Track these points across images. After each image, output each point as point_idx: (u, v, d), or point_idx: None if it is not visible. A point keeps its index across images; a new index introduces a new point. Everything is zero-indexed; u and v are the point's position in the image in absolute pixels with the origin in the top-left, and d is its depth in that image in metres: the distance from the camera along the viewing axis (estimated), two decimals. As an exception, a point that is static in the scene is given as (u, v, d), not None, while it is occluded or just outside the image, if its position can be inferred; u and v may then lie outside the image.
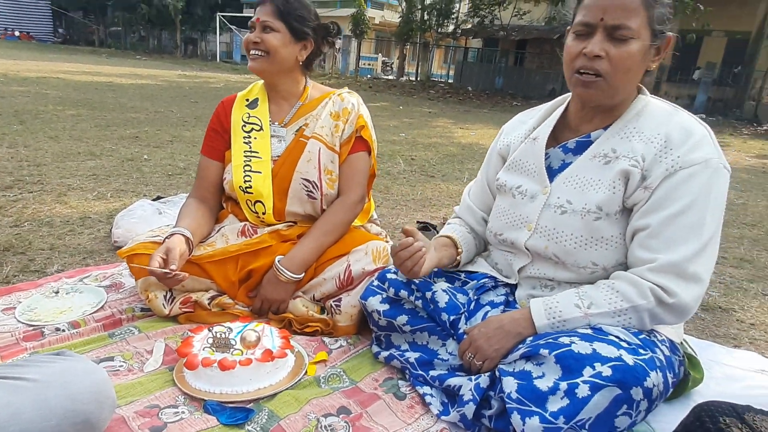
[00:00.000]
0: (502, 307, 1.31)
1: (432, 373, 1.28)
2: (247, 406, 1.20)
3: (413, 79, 21.54)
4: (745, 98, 15.48)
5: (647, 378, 0.98)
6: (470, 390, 1.15)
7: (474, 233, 1.50)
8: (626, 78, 1.13)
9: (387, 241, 1.88)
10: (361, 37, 21.61)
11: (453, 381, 1.22)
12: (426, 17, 20.55)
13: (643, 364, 0.99)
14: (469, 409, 1.14)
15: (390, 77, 23.21)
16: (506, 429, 1.09)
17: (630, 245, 1.16)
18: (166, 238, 1.49)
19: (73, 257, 2.05)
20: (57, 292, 1.69)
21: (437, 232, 2.48)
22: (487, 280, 1.38)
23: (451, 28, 21.14)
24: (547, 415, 0.99)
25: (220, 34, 25.77)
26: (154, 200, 2.43)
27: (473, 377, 1.18)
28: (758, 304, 2.07)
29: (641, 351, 1.03)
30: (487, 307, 1.31)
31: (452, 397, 1.22)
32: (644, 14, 1.08)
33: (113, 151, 4.20)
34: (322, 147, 1.64)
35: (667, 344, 1.18)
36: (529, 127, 1.37)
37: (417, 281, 1.36)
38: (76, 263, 2.00)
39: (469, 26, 20.88)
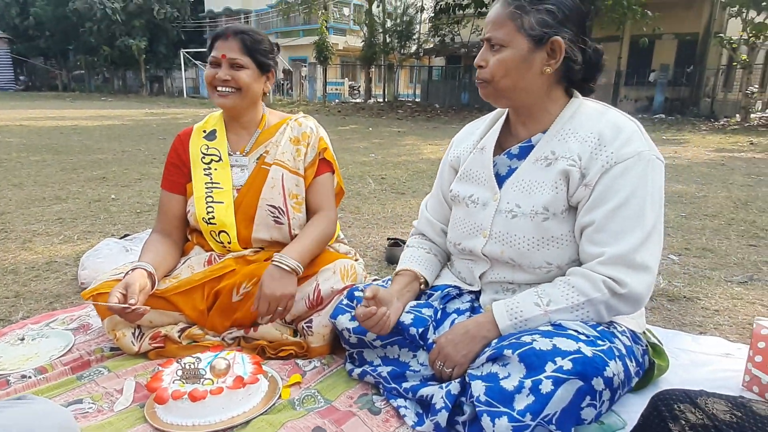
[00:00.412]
0: (468, 314, 1.33)
1: (405, 385, 1.29)
2: (221, 436, 1.18)
3: (381, 100, 21.83)
4: (700, 96, 16.10)
5: (606, 367, 1.01)
6: (442, 398, 1.17)
7: (435, 249, 1.52)
8: (510, 80, 1.20)
9: (356, 260, 1.90)
10: (325, 64, 21.86)
11: (425, 391, 1.23)
12: (388, 40, 20.95)
13: (601, 355, 1.02)
14: (442, 417, 1.15)
15: (358, 100, 23.49)
16: (479, 433, 1.10)
17: (580, 241, 1.20)
18: (127, 273, 1.47)
19: (39, 303, 2.01)
20: (22, 339, 1.65)
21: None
22: (451, 289, 1.41)
23: (413, 48, 21.59)
24: (515, 414, 1.00)
25: (185, 70, 25.76)
26: (120, 238, 2.40)
27: (444, 385, 1.20)
28: (721, 290, 2.14)
29: (599, 342, 1.06)
30: (454, 315, 1.34)
31: (426, 406, 1.23)
32: (512, 25, 1.17)
33: (80, 193, 4.15)
34: (285, 172, 1.66)
35: (628, 335, 1.21)
36: (476, 137, 1.42)
37: None
38: (42, 308, 1.96)
39: (431, 46, 21.36)
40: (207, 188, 1.67)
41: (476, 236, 1.33)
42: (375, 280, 2.01)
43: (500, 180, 1.32)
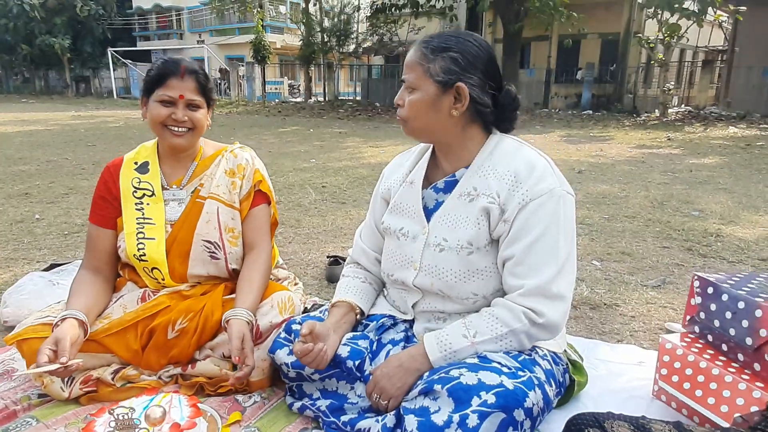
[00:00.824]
0: (402, 344, 1.39)
1: (343, 418, 1.33)
2: (159, 486, 1.18)
3: (321, 99, 21.68)
4: (623, 92, 17.11)
5: (526, 399, 1.09)
6: (378, 431, 1.21)
7: (370, 278, 1.57)
8: (422, 122, 1.29)
9: (295, 284, 1.92)
10: (263, 63, 21.46)
11: (362, 424, 1.27)
12: (326, 38, 20.82)
13: (522, 386, 1.10)
14: (380, 450, 1.20)
15: (298, 99, 23.20)
16: (416, 464, 1.16)
17: (502, 273, 1.29)
18: (55, 325, 1.42)
19: (-44, 347, 1.89)
20: (-62, 392, 1.56)
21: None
22: (386, 319, 1.46)
23: (352, 47, 21.57)
24: None
25: (114, 70, 24.48)
26: (46, 269, 2.29)
27: (380, 418, 1.25)
28: (638, 295, 2.32)
29: (520, 373, 1.15)
30: (389, 346, 1.39)
31: (364, 438, 1.27)
32: (420, 69, 1.26)
33: (0, 213, 3.90)
34: (221, 206, 1.65)
35: (549, 357, 1.31)
36: (405, 169, 1.47)
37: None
38: (-40, 353, 1.84)
39: (370, 44, 21.43)
40: (138, 224, 1.63)
41: (407, 268, 1.38)
42: (314, 305, 2.04)
43: (428, 213, 1.38)
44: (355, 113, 16.06)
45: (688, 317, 1.53)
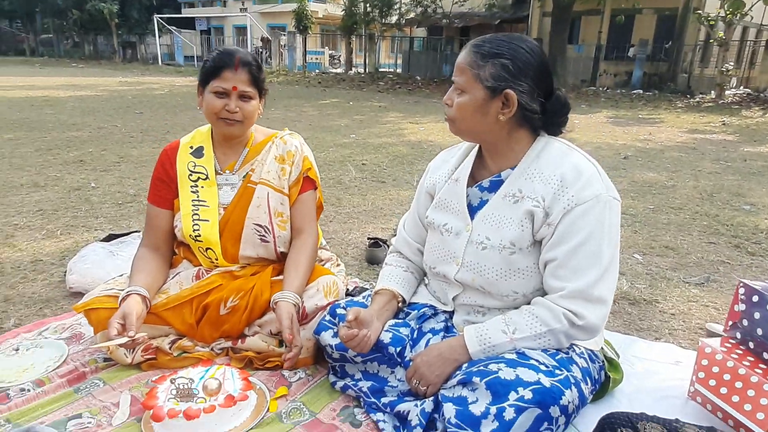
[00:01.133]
0: (442, 334, 1.44)
1: (383, 399, 1.40)
2: (215, 451, 1.29)
3: (362, 71, 21.54)
4: (677, 71, 16.30)
5: (563, 396, 1.13)
6: (417, 415, 1.28)
7: (412, 267, 1.62)
8: (469, 124, 1.31)
9: (338, 265, 1.99)
10: (305, 33, 21.40)
11: (402, 407, 1.34)
12: (369, 9, 20.52)
13: (558, 385, 1.14)
14: (418, 432, 1.27)
15: (338, 70, 23.12)
16: (450, 447, 1.22)
17: (544, 274, 1.31)
18: (122, 300, 1.54)
19: (29, 308, 2.06)
20: (17, 350, 1.72)
21: (388, 247, 2.61)
22: (427, 309, 1.51)
23: (394, 18, 21.20)
24: None
25: (159, 36, 24.91)
26: (105, 240, 2.44)
27: (419, 403, 1.31)
28: (679, 293, 2.30)
29: (557, 372, 1.18)
30: (429, 335, 1.45)
31: (403, 420, 1.35)
32: (470, 73, 1.27)
33: (58, 179, 4.12)
34: (271, 191, 1.73)
35: (585, 356, 1.34)
36: (451, 166, 1.50)
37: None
38: (33, 314, 2.02)
39: (413, 16, 21.01)
40: (194, 205, 1.72)
41: (449, 263, 1.43)
42: (355, 287, 2.11)
43: (472, 210, 1.41)
44: (395, 86, 15.92)
45: (730, 323, 1.53)
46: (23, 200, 3.54)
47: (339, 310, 1.55)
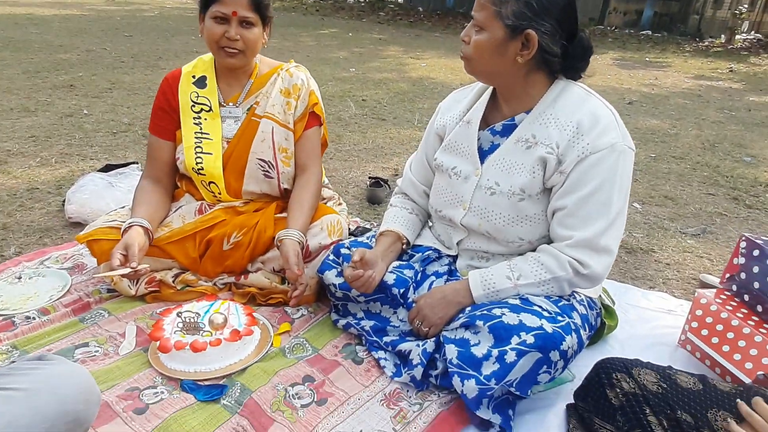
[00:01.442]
0: (445, 277, 1.46)
1: (385, 339, 1.44)
2: (221, 383, 1.33)
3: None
4: (689, 12, 15.70)
5: (563, 342, 1.16)
6: (418, 354, 1.32)
7: (417, 209, 1.61)
8: (485, 64, 1.26)
9: (339, 204, 1.98)
10: (304, -47, 20.14)
11: (404, 346, 1.38)
12: (372, -70, 19.26)
13: (560, 331, 1.17)
14: (418, 371, 1.31)
15: (338, -3, 21.98)
16: (449, 386, 1.27)
17: (551, 222, 1.31)
18: (124, 231, 1.53)
19: (29, 237, 2.06)
20: (20, 278, 1.73)
21: (389, 187, 2.59)
22: (431, 252, 1.52)
23: (399, -59, 19.97)
24: (481, 377, 1.17)
25: (147, -49, 23.39)
26: (102, 170, 2.40)
27: (421, 343, 1.35)
28: (675, 243, 2.32)
29: (559, 318, 1.21)
30: (433, 277, 1.47)
31: (404, 359, 1.39)
32: (491, 9, 1.20)
33: (49, 104, 3.99)
34: (275, 126, 1.68)
35: (585, 303, 1.37)
36: (463, 107, 1.46)
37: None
38: (33, 243, 2.01)
39: (419, -61, 19.78)
40: (196, 138, 1.68)
41: (456, 207, 1.42)
42: (357, 227, 2.11)
43: (482, 154, 1.39)
44: (396, 17, 15.24)
45: (727, 275, 1.56)
46: (14, 125, 3.45)
47: (343, 250, 1.55)
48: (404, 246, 1.56)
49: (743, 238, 1.49)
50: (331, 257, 1.58)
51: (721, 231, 2.48)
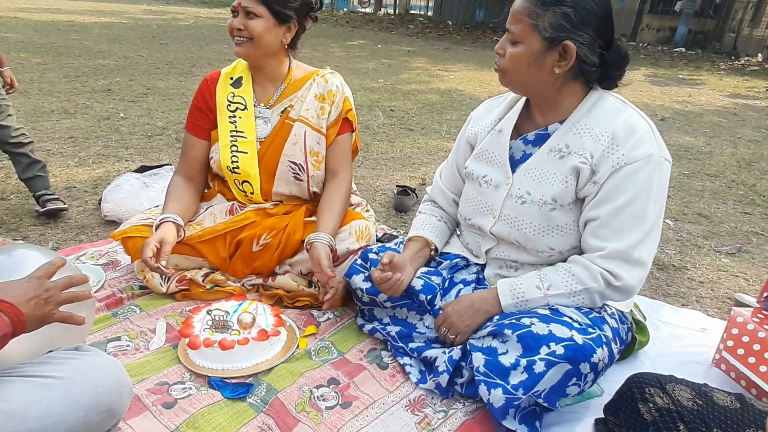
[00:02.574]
0: (473, 285, 1.45)
1: (411, 345, 1.44)
2: (247, 381, 1.34)
3: (391, 12, 20.75)
4: (725, 30, 15.40)
5: (594, 354, 1.14)
6: (444, 362, 1.31)
7: (446, 217, 1.61)
8: (521, 76, 1.25)
9: (367, 211, 1.99)
10: (336, -33, 20.50)
11: (429, 353, 1.37)
12: (404, -56, 19.50)
13: (591, 343, 1.15)
14: (444, 379, 1.30)
15: (367, 10, 22.29)
16: (475, 395, 1.26)
17: (583, 233, 1.29)
18: (157, 226, 1.57)
19: (66, 233, 2.12)
20: (56, 272, 1.77)
21: (416, 196, 2.60)
22: (459, 260, 1.52)
23: (430, -44, 20.16)
24: (509, 387, 1.15)
25: (185, -37, 24.11)
26: (137, 171, 2.47)
27: (447, 350, 1.34)
28: (709, 261, 2.26)
29: (590, 330, 1.19)
30: (460, 285, 1.46)
31: (429, 366, 1.38)
32: (528, 22, 1.19)
33: (87, 107, 4.13)
34: (308, 129, 1.70)
35: (616, 316, 1.34)
36: (495, 117, 1.46)
37: None
38: (70, 239, 2.07)
39: (449, -46, 19.92)
40: (232, 136, 1.71)
41: (486, 215, 1.41)
42: (384, 234, 2.12)
43: (514, 163, 1.38)
44: (425, 30, 15.35)
45: (765, 294, 1.51)
46: (54, 126, 3.58)
47: (371, 255, 1.56)
48: (432, 252, 1.56)
49: (783, 256, 1.44)
50: (359, 262, 1.58)
51: (758, 251, 2.40)
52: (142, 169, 2.48)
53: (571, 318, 1.21)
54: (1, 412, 0.92)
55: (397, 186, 2.72)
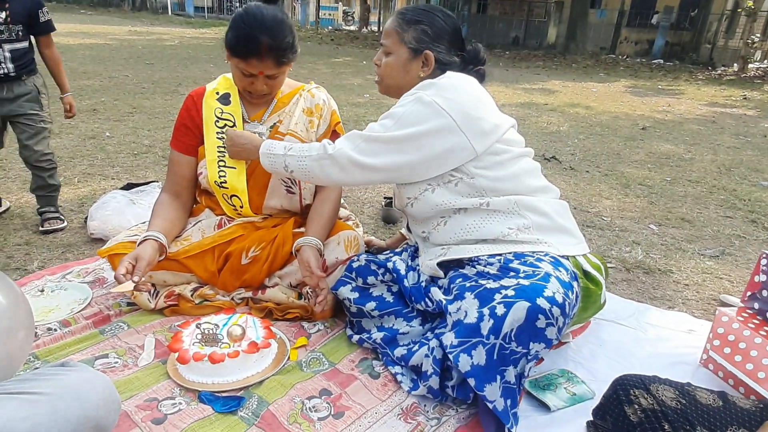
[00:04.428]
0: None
1: (397, 351, 1.44)
2: (238, 394, 1.33)
3: (376, 29, 21.03)
4: (701, 42, 15.81)
5: (545, 289, 1.19)
6: (431, 365, 1.32)
7: None
8: (393, 79, 1.53)
9: (357, 225, 2.00)
10: (320, -14, 20.78)
11: (415, 360, 1.37)
12: (386, -37, 19.85)
13: (537, 282, 1.22)
14: (434, 381, 1.31)
15: (352, 28, 22.58)
16: (466, 397, 1.27)
17: None
18: (139, 243, 1.56)
19: (52, 252, 2.10)
20: (42, 291, 1.76)
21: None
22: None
23: (412, -26, 20.52)
24: (483, 339, 1.17)
25: (170, -15, 24.33)
26: (124, 188, 2.45)
27: (429, 353, 1.33)
28: (693, 264, 2.30)
29: (534, 272, 1.26)
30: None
31: (419, 373, 1.38)
32: (396, 37, 1.50)
33: (72, 127, 4.10)
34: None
35: (551, 259, 1.36)
36: None
37: (378, 260, 1.59)
38: (56, 258, 2.05)
39: (431, -28, 20.31)
40: (219, 152, 1.72)
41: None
42: (373, 247, 2.12)
43: None
44: (409, 46, 15.58)
45: (748, 293, 1.54)
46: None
47: (355, 263, 1.58)
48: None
49: (764, 255, 1.47)
50: (345, 273, 1.59)
51: (740, 253, 2.45)
52: (128, 187, 2.47)
53: (516, 272, 1.29)
54: (-19, 430, 0.90)
55: (384, 198, 2.73)
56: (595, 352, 1.58)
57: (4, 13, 2.13)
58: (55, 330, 1.56)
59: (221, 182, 1.70)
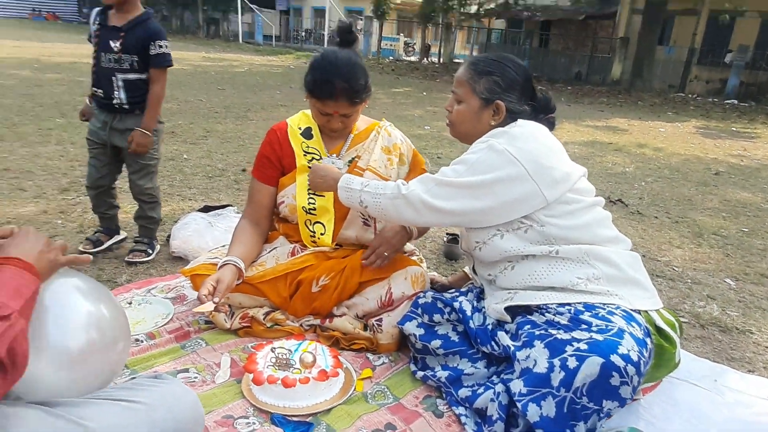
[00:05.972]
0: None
1: (461, 392, 1.45)
2: (307, 420, 1.38)
3: (436, 60, 21.38)
4: (779, 82, 15.03)
5: (619, 346, 1.18)
6: (496, 410, 1.32)
7: None
8: (465, 128, 1.58)
9: (421, 260, 2.04)
10: (382, 18, 21.45)
11: (480, 402, 1.37)
12: (449, -2, 20.26)
13: (611, 337, 1.20)
14: (500, 427, 1.31)
15: (412, 59, 23.07)
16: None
17: None
18: (220, 267, 1.67)
19: (137, 267, 2.26)
20: (130, 303, 1.89)
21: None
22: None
23: (474, 8, 20.82)
24: (554, 390, 1.18)
25: (242, 14, 25.77)
26: (201, 210, 2.61)
27: (494, 397, 1.33)
28: (774, 323, 2.18)
29: (608, 327, 1.25)
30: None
31: (483, 416, 1.39)
32: (468, 86, 1.54)
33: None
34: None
35: (620, 313, 1.33)
36: None
37: (444, 299, 1.62)
38: (141, 273, 2.21)
39: (493, 6, 20.54)
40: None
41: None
42: (436, 284, 2.15)
43: None
44: (469, 79, 15.70)
45: (840, 362, 1.45)
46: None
47: (421, 300, 1.63)
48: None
49: None
50: (411, 308, 1.63)
51: (827, 316, 2.29)
52: (206, 209, 2.62)
53: (587, 324, 1.28)
54: (87, 430, 0.98)
55: (447, 234, 2.76)
56: (667, 412, 1.52)
57: (119, 42, 2.13)
58: (142, 341, 1.67)
59: (310, 208, 1.79)
